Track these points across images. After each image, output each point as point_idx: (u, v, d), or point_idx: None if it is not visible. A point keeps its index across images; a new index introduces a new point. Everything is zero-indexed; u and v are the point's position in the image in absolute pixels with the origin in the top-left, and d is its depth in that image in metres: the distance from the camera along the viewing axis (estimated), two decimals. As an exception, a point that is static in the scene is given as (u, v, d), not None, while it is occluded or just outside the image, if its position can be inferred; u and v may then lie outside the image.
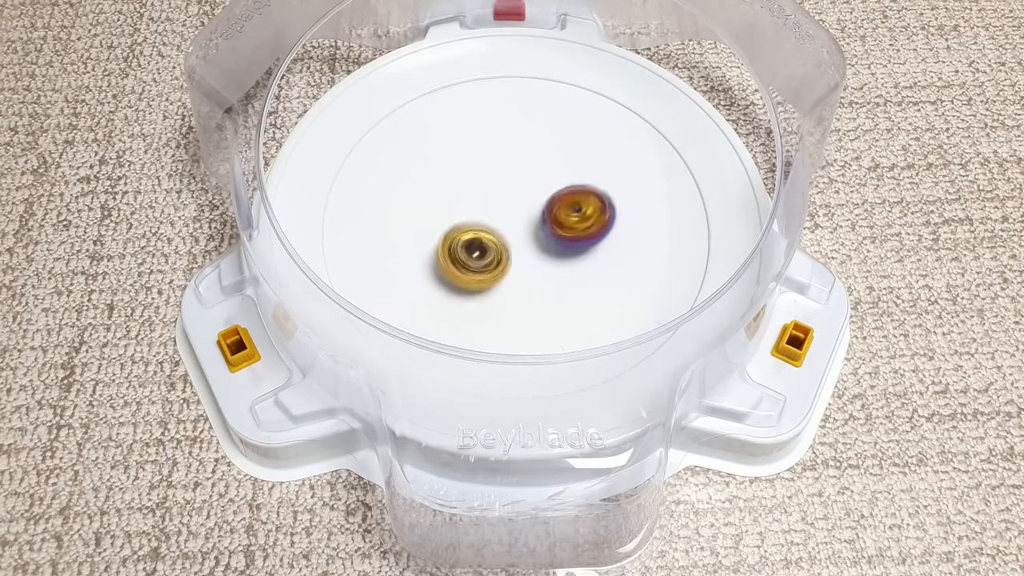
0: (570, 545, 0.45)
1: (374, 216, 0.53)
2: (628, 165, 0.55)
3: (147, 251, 0.55)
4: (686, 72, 0.62)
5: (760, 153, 0.59)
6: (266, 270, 0.47)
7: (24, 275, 0.54)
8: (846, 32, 0.65)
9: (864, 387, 0.51)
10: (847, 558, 0.46)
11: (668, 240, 0.52)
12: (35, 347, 0.52)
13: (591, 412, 0.45)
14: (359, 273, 0.51)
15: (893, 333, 0.52)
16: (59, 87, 0.62)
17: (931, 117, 0.61)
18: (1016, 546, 0.46)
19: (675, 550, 0.46)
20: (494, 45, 0.60)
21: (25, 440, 0.49)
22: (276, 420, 0.47)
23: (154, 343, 0.52)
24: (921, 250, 0.55)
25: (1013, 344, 0.52)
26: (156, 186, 0.57)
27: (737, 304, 0.48)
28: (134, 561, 0.46)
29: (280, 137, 0.59)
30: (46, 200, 0.57)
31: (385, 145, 0.55)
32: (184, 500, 0.47)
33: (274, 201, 0.51)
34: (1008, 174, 0.58)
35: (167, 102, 0.61)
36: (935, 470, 0.48)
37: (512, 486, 0.44)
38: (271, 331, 0.49)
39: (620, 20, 0.62)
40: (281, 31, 0.57)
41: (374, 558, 0.46)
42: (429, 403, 0.45)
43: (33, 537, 0.46)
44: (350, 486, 0.48)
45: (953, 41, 0.64)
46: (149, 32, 0.64)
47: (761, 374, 0.49)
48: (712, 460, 0.48)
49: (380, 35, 0.63)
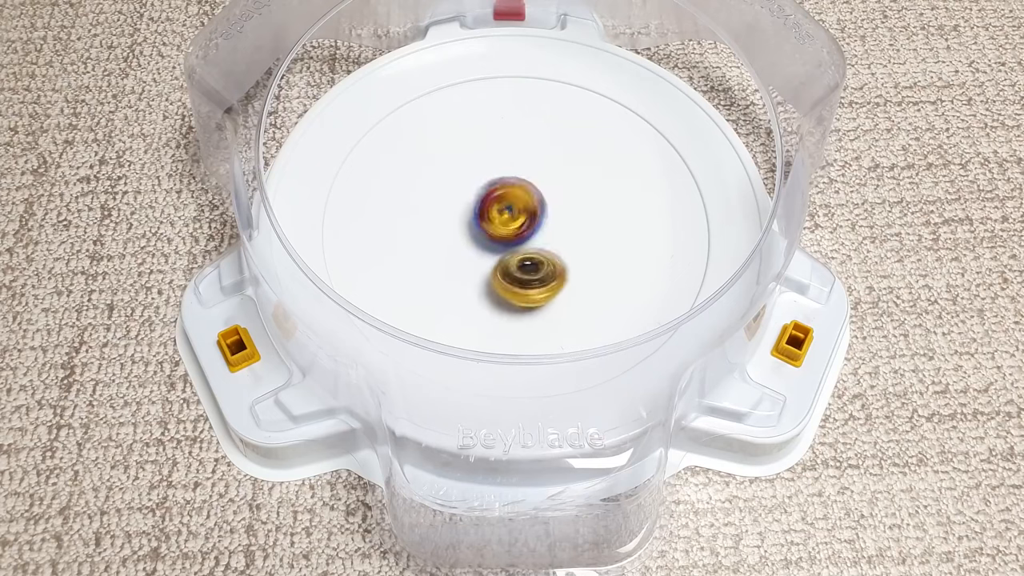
0: (570, 545, 0.45)
1: (374, 216, 0.53)
2: (628, 165, 0.55)
3: (147, 251, 0.55)
4: (686, 72, 0.62)
5: (760, 153, 0.59)
6: (266, 270, 0.47)
7: (24, 275, 0.54)
8: (846, 32, 0.65)
9: (864, 387, 0.51)
10: (847, 558, 0.46)
11: (668, 240, 0.52)
12: (35, 347, 0.52)
13: (591, 412, 0.45)
14: (359, 273, 0.51)
15: (893, 333, 0.52)
16: (59, 87, 0.62)
17: (931, 117, 0.61)
18: (1016, 546, 0.46)
19: (675, 550, 0.46)
20: (494, 45, 0.60)
21: (25, 440, 0.49)
22: (276, 420, 0.47)
23: (154, 343, 0.52)
24: (921, 250, 0.55)
25: (1013, 344, 0.52)
26: (156, 186, 0.57)
27: (737, 304, 0.48)
28: (134, 561, 0.46)
29: (280, 137, 0.59)
30: (46, 200, 0.57)
31: (385, 145, 0.55)
32: (184, 500, 0.47)
33: (274, 201, 0.51)
34: (1008, 174, 0.58)
35: (167, 102, 0.61)
36: (935, 470, 0.48)
37: (512, 486, 0.44)
38: (271, 331, 0.49)
39: (620, 20, 0.62)
40: (281, 31, 0.57)
41: (374, 558, 0.46)
42: (429, 403, 0.45)
43: (33, 537, 0.46)
44: (350, 486, 0.48)
45: (953, 41, 0.64)
46: (149, 32, 0.64)
47: (761, 374, 0.49)
48: (712, 460, 0.48)
49: (380, 35, 0.63)
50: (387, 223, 0.53)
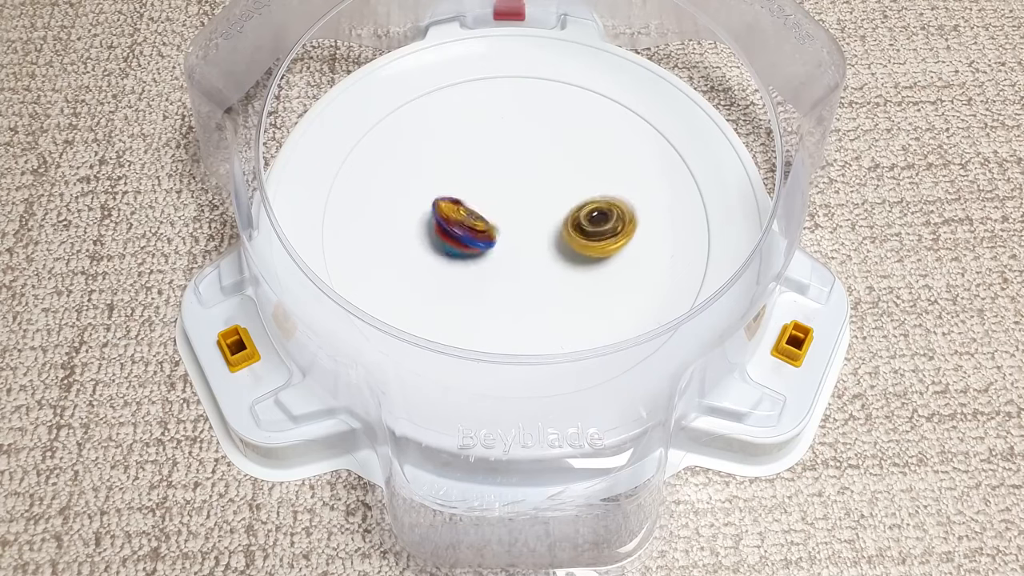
0: (570, 545, 0.45)
1: (374, 216, 0.53)
2: (628, 165, 0.55)
3: (147, 251, 0.55)
4: (686, 72, 0.62)
5: (760, 153, 0.59)
6: (266, 270, 0.47)
7: (24, 275, 0.54)
8: (846, 32, 0.65)
9: (864, 387, 0.51)
10: (847, 558, 0.46)
11: (668, 240, 0.52)
12: (35, 347, 0.52)
13: (591, 412, 0.45)
14: (359, 273, 0.51)
15: (893, 333, 0.52)
16: (59, 87, 0.62)
17: (931, 117, 0.61)
18: (1016, 546, 0.46)
19: (675, 550, 0.46)
20: (494, 45, 0.60)
21: (25, 440, 0.49)
22: (276, 420, 0.47)
23: (154, 343, 0.52)
24: (921, 250, 0.55)
25: (1013, 344, 0.52)
26: (156, 186, 0.57)
27: (737, 304, 0.48)
28: (134, 561, 0.46)
29: (280, 137, 0.59)
30: (46, 200, 0.57)
31: (385, 145, 0.55)
32: (184, 500, 0.47)
33: (274, 201, 0.51)
34: (1008, 174, 0.58)
35: (167, 102, 0.61)
36: (935, 470, 0.48)
37: (512, 486, 0.44)
38: (271, 331, 0.49)
39: (620, 20, 0.62)
40: (281, 31, 0.57)
41: (374, 558, 0.46)
42: (429, 403, 0.45)
43: (33, 537, 0.46)
44: (350, 486, 0.48)
45: (953, 41, 0.64)
46: (149, 32, 0.64)
47: (761, 374, 0.49)
48: (712, 460, 0.48)
49: (380, 35, 0.63)
50: (387, 223, 0.53)
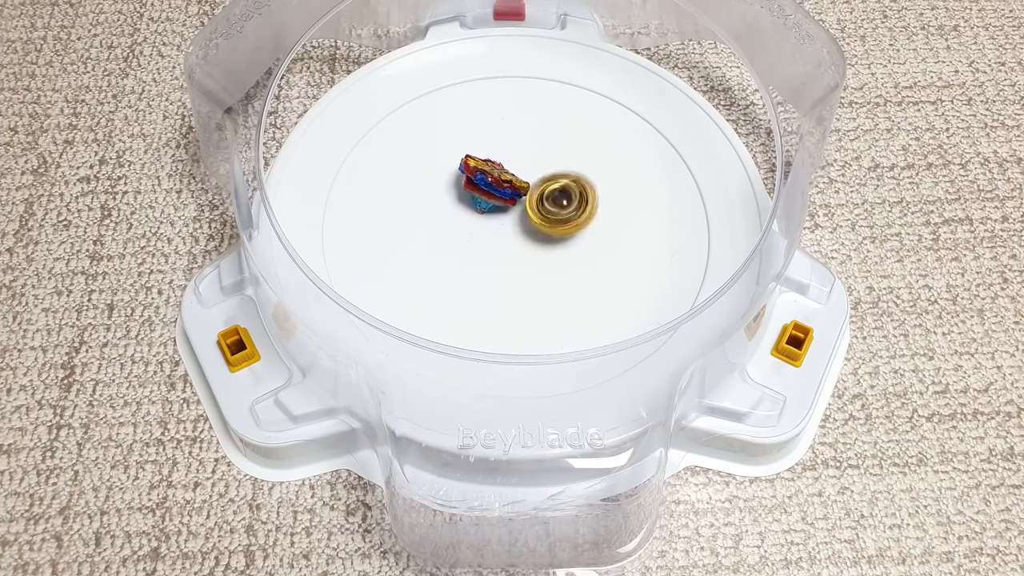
0: (570, 545, 0.45)
1: (374, 216, 0.53)
2: (628, 165, 0.55)
3: (147, 251, 0.55)
4: (686, 72, 0.62)
5: (760, 153, 0.59)
6: (266, 270, 0.47)
7: (24, 275, 0.54)
8: (846, 32, 0.65)
9: (864, 387, 0.51)
10: (847, 558, 0.46)
11: (668, 240, 0.52)
12: (35, 347, 0.52)
13: (591, 412, 0.45)
14: (359, 273, 0.51)
15: (893, 333, 0.52)
16: (59, 87, 0.62)
17: (931, 117, 0.61)
18: (1016, 546, 0.46)
19: (675, 550, 0.46)
20: (494, 45, 0.60)
21: (25, 440, 0.49)
22: (276, 420, 0.47)
23: (154, 343, 0.52)
24: (921, 250, 0.55)
25: (1013, 344, 0.52)
26: (156, 186, 0.57)
27: (737, 304, 0.48)
28: (134, 561, 0.46)
29: (280, 137, 0.59)
30: (46, 200, 0.57)
31: (385, 145, 0.55)
32: (184, 500, 0.47)
33: (274, 201, 0.51)
34: (1008, 174, 0.58)
35: (167, 102, 0.61)
36: (935, 470, 0.48)
37: (512, 486, 0.44)
38: (271, 331, 0.49)
39: (620, 20, 0.62)
40: (281, 31, 0.57)
41: (374, 558, 0.46)
42: (429, 403, 0.45)
43: (33, 537, 0.46)
44: (350, 486, 0.48)
45: (953, 41, 0.64)
46: (149, 32, 0.64)
47: (761, 374, 0.49)
48: (712, 460, 0.48)
49: (380, 35, 0.63)
50: (387, 223, 0.53)
